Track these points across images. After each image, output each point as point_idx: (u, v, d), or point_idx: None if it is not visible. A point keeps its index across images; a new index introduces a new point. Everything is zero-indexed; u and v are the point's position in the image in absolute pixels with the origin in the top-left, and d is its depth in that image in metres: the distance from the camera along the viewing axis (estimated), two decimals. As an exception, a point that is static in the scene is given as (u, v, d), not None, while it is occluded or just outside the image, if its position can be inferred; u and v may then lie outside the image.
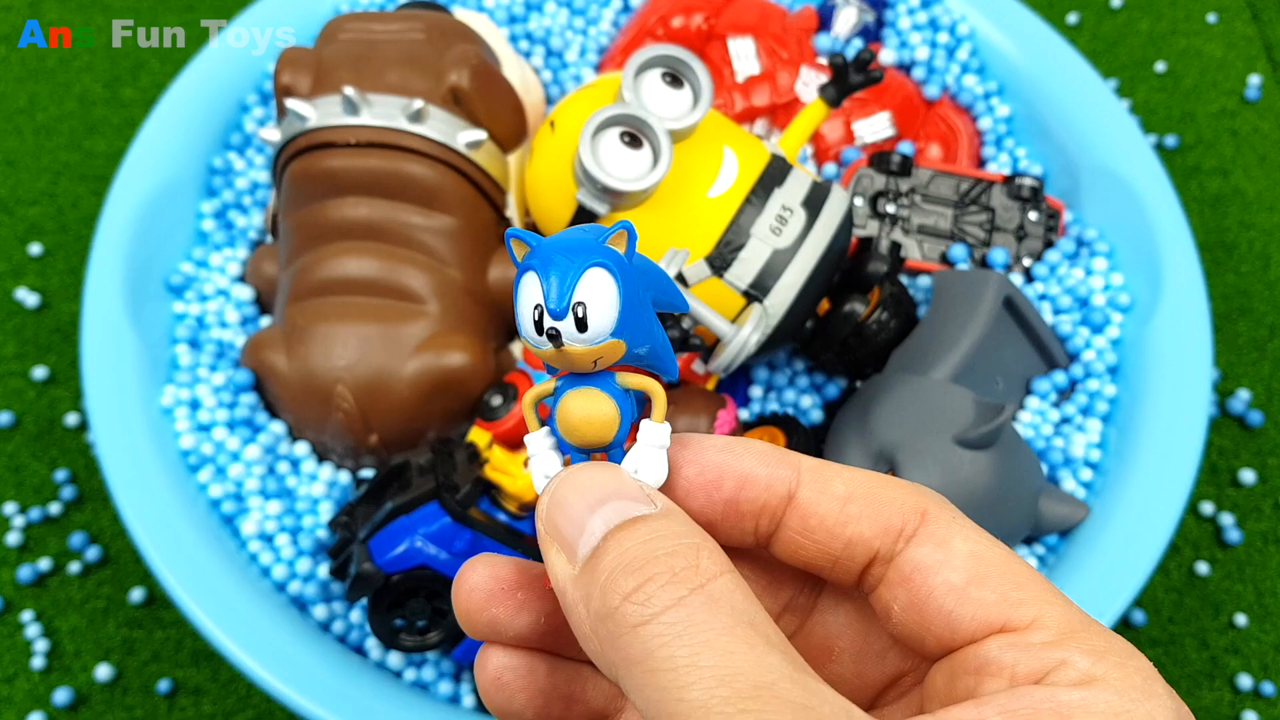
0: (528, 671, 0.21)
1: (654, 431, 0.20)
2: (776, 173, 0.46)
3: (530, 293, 0.19)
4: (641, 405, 0.21)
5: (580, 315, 0.19)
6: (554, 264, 0.19)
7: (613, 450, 0.20)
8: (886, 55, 0.59)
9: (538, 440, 0.21)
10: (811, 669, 0.16)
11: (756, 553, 0.21)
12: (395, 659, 0.45)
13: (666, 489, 0.20)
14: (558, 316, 0.19)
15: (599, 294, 0.19)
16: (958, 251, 0.53)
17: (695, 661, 0.15)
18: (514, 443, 0.45)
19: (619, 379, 0.20)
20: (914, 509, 0.19)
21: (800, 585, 0.22)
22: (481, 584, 0.20)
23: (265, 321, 0.51)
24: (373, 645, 0.45)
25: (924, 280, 0.54)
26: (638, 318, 0.19)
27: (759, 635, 0.16)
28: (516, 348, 0.50)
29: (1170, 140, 0.68)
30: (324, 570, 0.46)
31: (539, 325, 0.19)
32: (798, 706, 0.15)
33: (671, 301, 0.21)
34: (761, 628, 0.16)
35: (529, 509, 0.43)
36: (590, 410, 0.19)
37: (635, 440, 0.20)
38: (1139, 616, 0.54)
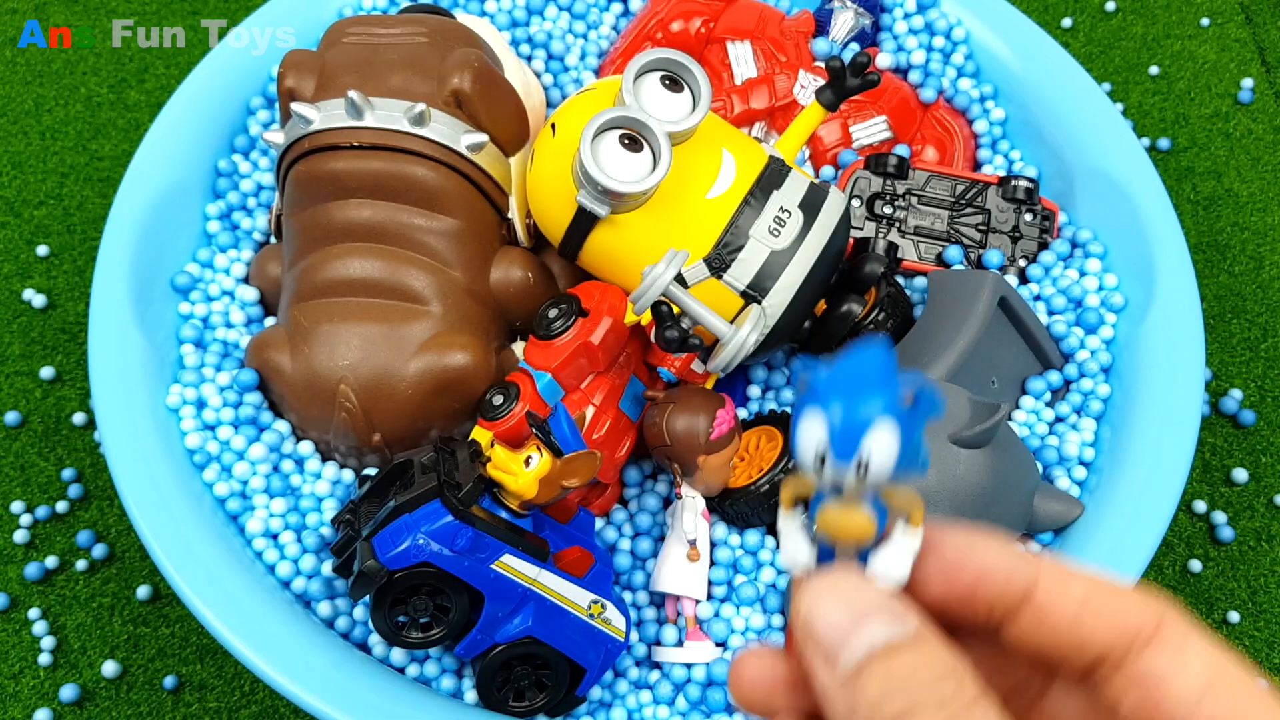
0: None
1: (909, 539, 0.21)
2: (774, 175, 0.47)
3: (813, 433, 0.20)
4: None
5: (863, 471, 0.20)
6: (843, 415, 0.20)
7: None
8: (883, 59, 0.59)
9: (790, 522, 0.22)
10: None
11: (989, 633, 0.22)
12: (398, 655, 0.45)
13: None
14: (841, 466, 0.20)
15: (883, 449, 0.20)
16: (953, 253, 0.54)
17: None
18: (515, 442, 0.46)
19: (881, 494, 0.21)
20: (1151, 617, 0.20)
21: (1032, 669, 0.23)
22: (761, 683, 0.22)
23: (270, 322, 0.52)
24: (376, 641, 0.46)
25: (920, 281, 0.54)
26: (911, 455, 0.20)
27: None
28: (518, 348, 0.50)
29: (1164, 143, 0.68)
30: (328, 568, 0.46)
31: (820, 468, 0.20)
32: None
33: (933, 409, 0.22)
34: None
35: (530, 507, 0.44)
36: (851, 526, 0.21)
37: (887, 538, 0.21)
38: (1133, 613, 0.54)
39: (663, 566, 0.47)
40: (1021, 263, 0.54)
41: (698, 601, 0.47)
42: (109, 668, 0.50)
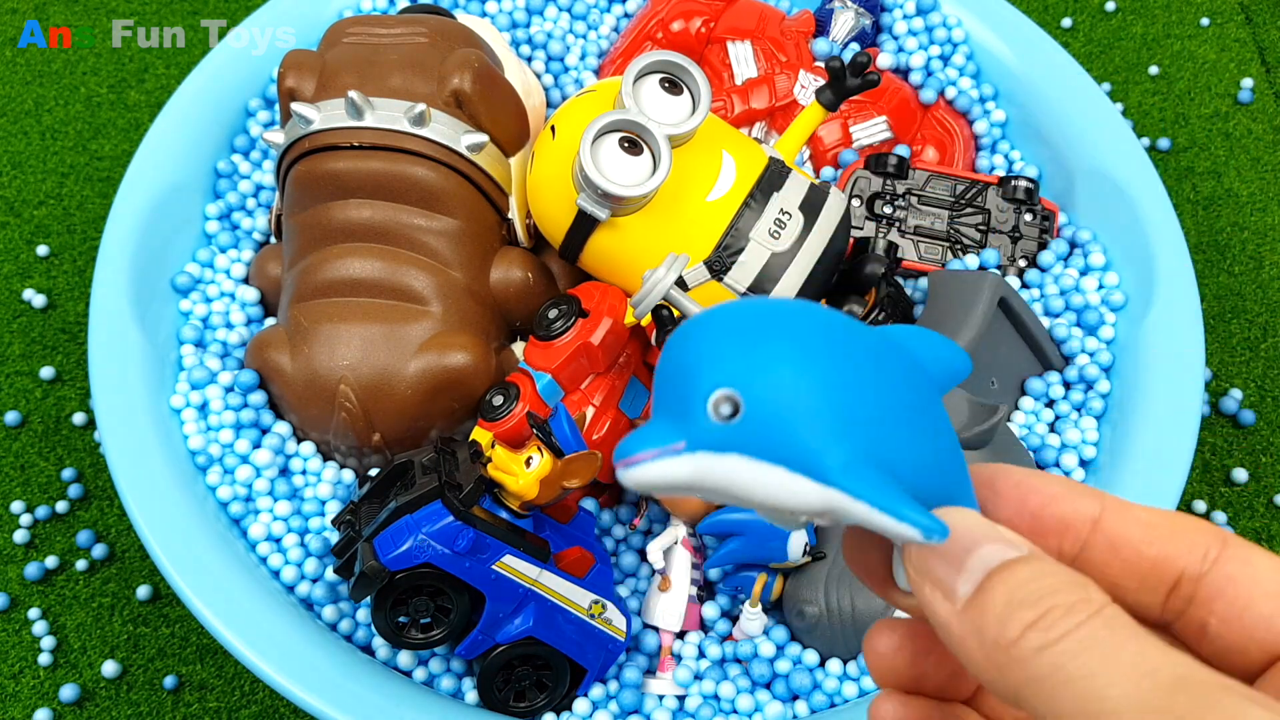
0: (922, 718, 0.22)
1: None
2: (775, 176, 0.47)
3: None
4: None
5: None
6: None
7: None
8: (883, 59, 0.59)
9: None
10: None
11: None
12: (405, 659, 0.45)
13: (982, 501, 0.21)
14: None
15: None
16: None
17: (1112, 665, 0.17)
18: (516, 442, 0.46)
19: None
20: (1215, 537, 0.20)
21: None
22: (892, 654, 0.22)
23: (270, 323, 0.52)
24: (380, 644, 0.46)
25: (920, 281, 0.54)
26: None
27: (1158, 641, 0.17)
28: (518, 348, 0.50)
29: (1163, 143, 0.68)
30: (330, 572, 0.46)
31: None
32: (1222, 687, 0.16)
33: None
34: (1155, 637, 0.17)
35: (530, 507, 0.44)
36: None
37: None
38: (1132, 613, 0.55)
39: (647, 595, 0.48)
40: (1021, 263, 0.55)
41: (675, 634, 0.47)
42: (109, 668, 0.50)
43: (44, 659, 0.51)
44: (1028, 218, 0.55)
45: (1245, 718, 0.15)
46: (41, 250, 0.61)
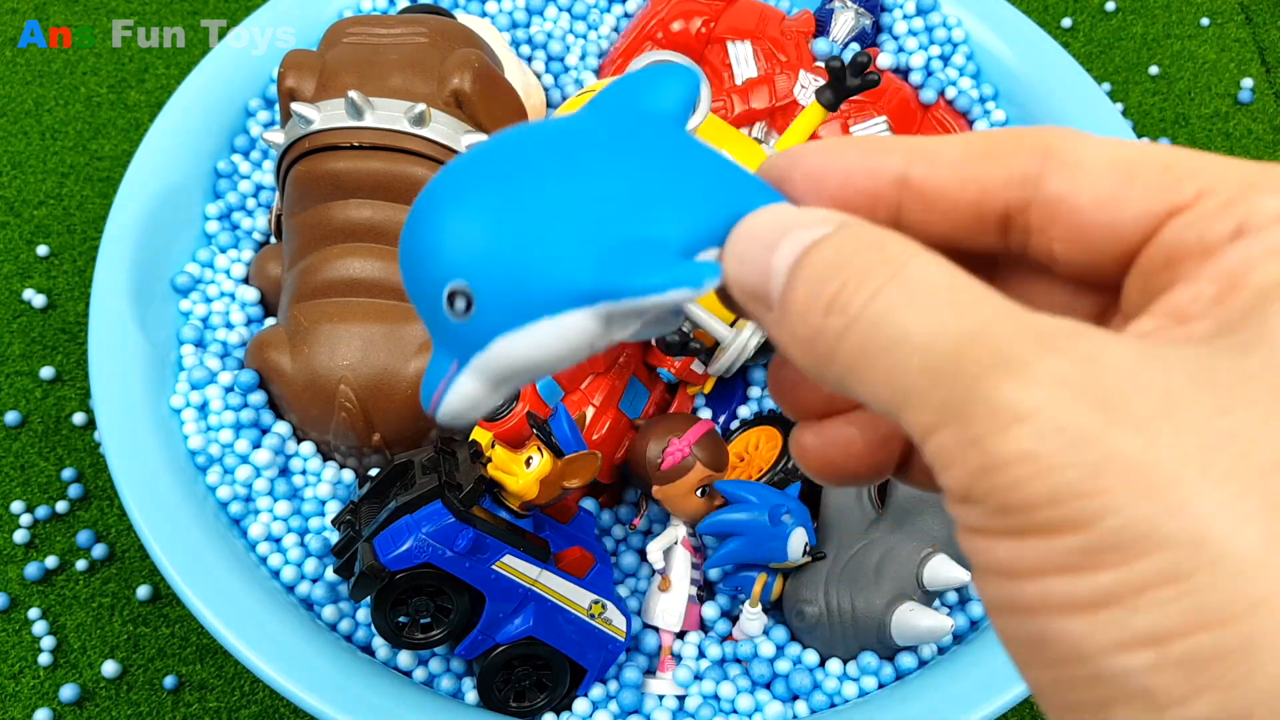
0: (843, 438, 0.20)
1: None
2: (774, 176, 0.47)
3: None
4: None
5: None
6: None
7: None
8: (883, 59, 0.59)
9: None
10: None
11: None
12: (404, 659, 0.45)
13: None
14: None
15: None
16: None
17: (912, 333, 0.15)
18: (516, 442, 0.46)
19: None
20: (1033, 152, 0.18)
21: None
22: (804, 395, 0.20)
23: (270, 323, 0.52)
24: (380, 644, 0.46)
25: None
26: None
27: (965, 290, 0.15)
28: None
29: (1164, 143, 0.69)
30: (330, 572, 0.47)
31: None
32: (1016, 333, 0.14)
33: None
34: (968, 284, 0.15)
35: (530, 507, 0.44)
36: None
37: None
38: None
39: (647, 595, 0.48)
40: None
41: (675, 634, 0.47)
42: (109, 668, 0.50)
43: (44, 659, 0.51)
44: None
45: (1030, 372, 0.14)
46: (41, 250, 0.61)
